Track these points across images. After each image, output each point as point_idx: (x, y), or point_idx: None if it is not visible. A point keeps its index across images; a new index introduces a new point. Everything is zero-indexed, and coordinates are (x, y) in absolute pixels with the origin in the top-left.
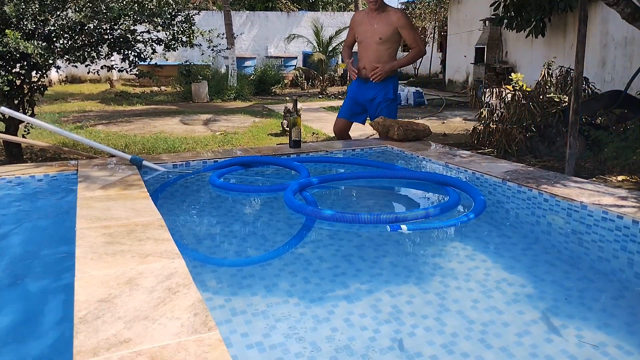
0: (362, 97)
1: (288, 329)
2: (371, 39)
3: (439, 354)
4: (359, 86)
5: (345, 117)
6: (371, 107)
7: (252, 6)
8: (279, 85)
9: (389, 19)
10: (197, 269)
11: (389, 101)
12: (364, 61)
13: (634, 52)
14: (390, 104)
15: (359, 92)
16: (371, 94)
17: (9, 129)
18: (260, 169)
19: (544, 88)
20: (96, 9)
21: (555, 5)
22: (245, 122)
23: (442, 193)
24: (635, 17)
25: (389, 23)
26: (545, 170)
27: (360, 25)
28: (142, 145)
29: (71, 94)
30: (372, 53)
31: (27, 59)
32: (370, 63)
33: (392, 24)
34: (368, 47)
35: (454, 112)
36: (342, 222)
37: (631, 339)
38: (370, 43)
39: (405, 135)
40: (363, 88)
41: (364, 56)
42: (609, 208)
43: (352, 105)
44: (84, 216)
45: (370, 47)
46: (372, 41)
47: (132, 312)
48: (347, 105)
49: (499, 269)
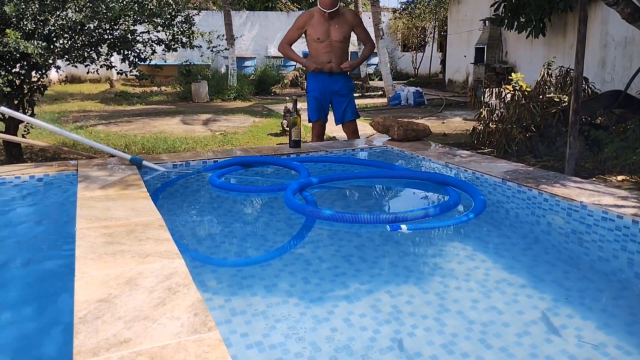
0: (328, 89)
1: (288, 329)
2: (335, 38)
3: (439, 354)
4: (324, 80)
5: (322, 117)
6: (336, 98)
7: (252, 6)
8: (279, 85)
9: (345, 19)
10: (197, 269)
11: (351, 91)
12: (329, 57)
13: (634, 52)
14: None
15: (325, 85)
16: (338, 85)
17: (8, 129)
18: (260, 169)
19: (543, 88)
20: (96, 9)
21: (555, 5)
22: (245, 122)
23: (442, 193)
24: (635, 17)
25: (346, 23)
26: (545, 170)
27: (318, 26)
28: (142, 145)
29: (71, 94)
30: (337, 50)
31: (27, 59)
32: (336, 58)
33: (349, 24)
34: (331, 45)
35: (454, 112)
36: (342, 222)
37: (631, 339)
38: (334, 41)
39: (406, 135)
40: (328, 81)
41: (327, 53)
42: (608, 208)
43: (320, 104)
44: (84, 216)
45: (334, 45)
46: (335, 39)
47: (132, 312)
48: (315, 106)
49: (499, 269)
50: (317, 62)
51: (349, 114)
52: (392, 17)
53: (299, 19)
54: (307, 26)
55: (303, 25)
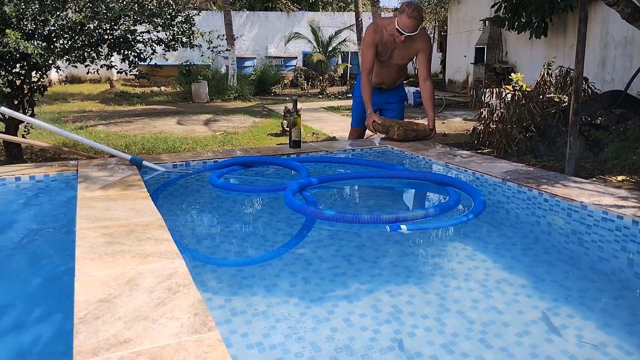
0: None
1: (288, 329)
2: (394, 62)
3: (439, 354)
4: (374, 94)
5: (360, 124)
6: (385, 106)
7: (252, 6)
8: (279, 85)
9: (415, 43)
10: (197, 269)
11: (401, 99)
12: (382, 79)
13: (634, 52)
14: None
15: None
16: (386, 96)
17: (9, 129)
18: (260, 169)
19: (543, 88)
20: (96, 9)
21: (555, 5)
22: (245, 122)
23: (442, 193)
24: (635, 17)
25: (415, 48)
26: (545, 170)
27: (383, 46)
28: (142, 146)
29: (71, 94)
30: (393, 72)
31: (27, 59)
32: (390, 80)
33: (417, 49)
34: (389, 67)
35: (454, 112)
36: (342, 222)
37: (631, 339)
38: (392, 65)
39: (406, 135)
40: (378, 95)
41: (382, 74)
42: (609, 208)
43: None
44: (84, 216)
45: (392, 67)
46: (397, 62)
47: (132, 313)
48: (358, 114)
49: (499, 269)
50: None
51: None
52: None
53: (368, 37)
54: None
55: (375, 43)
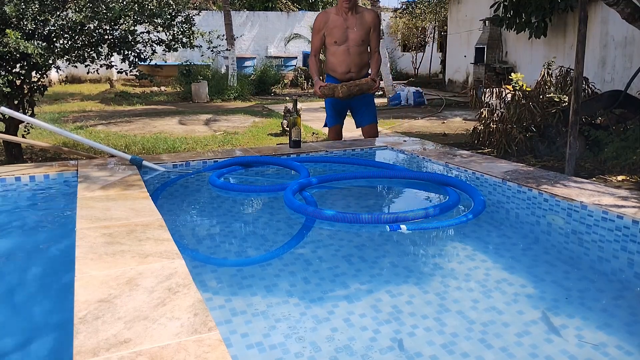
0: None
1: (288, 329)
2: (352, 42)
3: (439, 354)
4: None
5: (338, 122)
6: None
7: (252, 6)
8: (279, 85)
9: (364, 19)
10: (197, 269)
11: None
12: (347, 66)
13: (634, 52)
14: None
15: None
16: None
17: (9, 129)
18: (260, 169)
19: (543, 88)
20: (96, 9)
21: (555, 5)
22: (245, 122)
23: (441, 193)
24: (635, 17)
25: (365, 24)
26: (545, 170)
27: (334, 28)
28: (142, 146)
29: (71, 94)
30: (356, 57)
31: (27, 59)
32: (356, 67)
33: (368, 25)
34: (348, 52)
35: (454, 112)
36: (342, 222)
37: (631, 339)
38: (352, 46)
39: (349, 91)
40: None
41: (345, 60)
42: (609, 208)
43: (336, 110)
44: (84, 216)
45: (352, 51)
46: (353, 44)
47: (132, 313)
48: (332, 112)
49: (499, 269)
50: (335, 72)
51: (367, 117)
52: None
53: (316, 23)
54: (326, 28)
55: (321, 27)
